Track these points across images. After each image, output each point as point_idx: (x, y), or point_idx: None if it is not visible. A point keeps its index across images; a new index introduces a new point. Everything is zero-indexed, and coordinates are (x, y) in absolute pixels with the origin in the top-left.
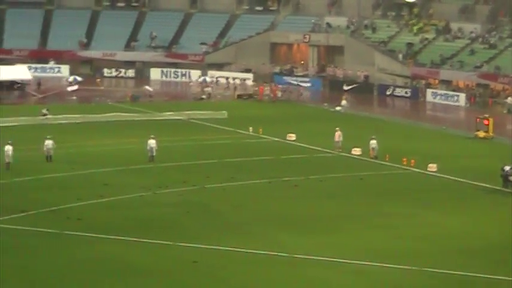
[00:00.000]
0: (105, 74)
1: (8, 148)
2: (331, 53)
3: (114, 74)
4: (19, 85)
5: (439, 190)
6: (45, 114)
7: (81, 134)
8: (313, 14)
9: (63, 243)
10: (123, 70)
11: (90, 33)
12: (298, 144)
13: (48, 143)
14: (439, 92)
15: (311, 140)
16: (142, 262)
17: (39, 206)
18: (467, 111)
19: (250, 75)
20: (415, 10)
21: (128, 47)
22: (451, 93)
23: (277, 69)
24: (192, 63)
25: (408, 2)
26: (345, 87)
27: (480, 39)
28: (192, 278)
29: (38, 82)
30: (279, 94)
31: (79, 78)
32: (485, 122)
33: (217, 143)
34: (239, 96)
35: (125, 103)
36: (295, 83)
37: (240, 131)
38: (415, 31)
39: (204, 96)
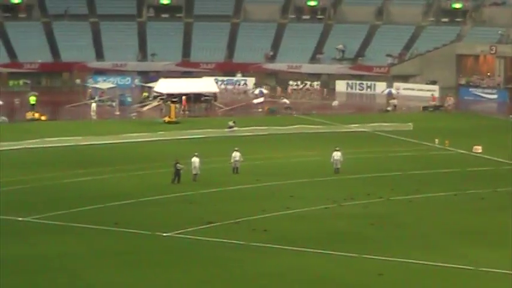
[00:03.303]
0: (291, 86)
1: (195, 160)
2: None
3: (299, 86)
4: (206, 98)
5: None
6: (231, 127)
7: (266, 146)
8: (500, 25)
9: (250, 254)
10: (308, 82)
11: (275, 46)
12: (484, 156)
13: (236, 155)
14: None
15: (498, 152)
16: (328, 274)
17: (225, 217)
18: None
19: (435, 87)
20: None
21: (313, 59)
22: None
23: (463, 81)
24: (377, 75)
25: None
26: None
27: None
28: None
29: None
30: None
31: (265, 91)
32: None
33: (402, 155)
34: (425, 108)
35: (311, 115)
36: (481, 95)
37: (426, 143)
38: None
39: (389, 108)
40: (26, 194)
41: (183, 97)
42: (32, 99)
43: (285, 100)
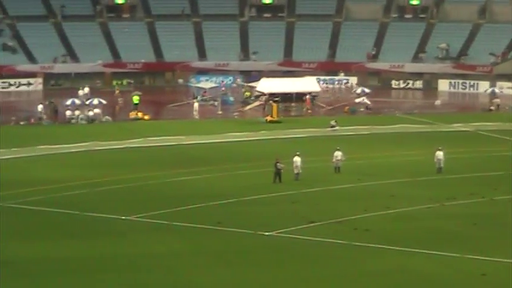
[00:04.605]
0: (393, 86)
1: (297, 159)
2: None
3: (401, 85)
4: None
5: None
6: (333, 126)
7: (368, 145)
8: None
9: (351, 254)
10: (410, 82)
11: (378, 45)
12: None
13: (338, 154)
14: None
15: None
16: (430, 274)
17: (327, 216)
18: None
19: None
20: None
21: (415, 58)
22: None
23: None
24: (480, 74)
25: None
26: None
27: None
28: None
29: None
30: None
31: (367, 90)
32: None
33: (505, 155)
34: None
35: (413, 114)
36: None
37: None
38: None
39: (492, 108)
40: (130, 193)
41: (307, 96)
42: (135, 99)
43: (366, 100)
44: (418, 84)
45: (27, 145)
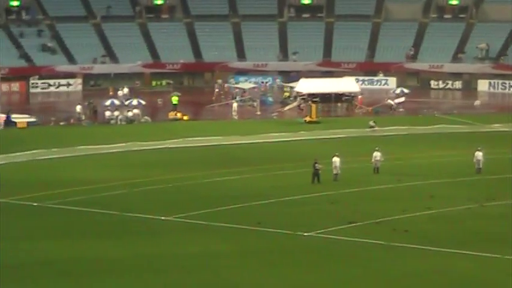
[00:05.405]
0: (432, 86)
1: (336, 160)
2: None
3: (441, 86)
4: (347, 97)
5: None
6: (372, 127)
7: (407, 145)
8: None
9: (391, 255)
10: (450, 82)
11: (417, 45)
12: None
13: (377, 154)
14: None
15: None
16: (471, 275)
17: (366, 217)
18: None
19: None
20: None
21: (455, 58)
22: None
23: None
24: None
25: None
26: None
27: None
28: None
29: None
30: None
31: (406, 90)
32: None
33: None
34: None
35: (452, 115)
36: None
37: None
38: None
39: None
40: (169, 193)
41: (359, 96)
42: (175, 99)
43: (390, 101)
44: (458, 84)
45: (67, 145)
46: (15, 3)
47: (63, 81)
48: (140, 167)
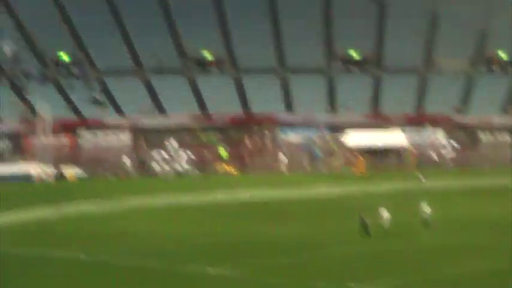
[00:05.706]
0: (481, 139)
1: (384, 213)
2: None
3: (490, 138)
4: (395, 150)
5: None
6: (420, 179)
7: (457, 199)
8: None
9: None
10: (499, 134)
11: (465, 98)
12: None
13: (425, 207)
14: None
15: None
16: None
17: (414, 272)
18: None
19: None
20: None
21: (504, 111)
22: None
23: None
24: None
25: None
26: None
27: None
28: None
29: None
30: None
31: (454, 143)
32: None
33: None
34: None
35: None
36: None
37: None
38: None
39: None
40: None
41: (412, 149)
42: (223, 152)
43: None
44: (507, 137)
45: (115, 198)
46: (66, 58)
47: (111, 133)
48: (190, 220)
